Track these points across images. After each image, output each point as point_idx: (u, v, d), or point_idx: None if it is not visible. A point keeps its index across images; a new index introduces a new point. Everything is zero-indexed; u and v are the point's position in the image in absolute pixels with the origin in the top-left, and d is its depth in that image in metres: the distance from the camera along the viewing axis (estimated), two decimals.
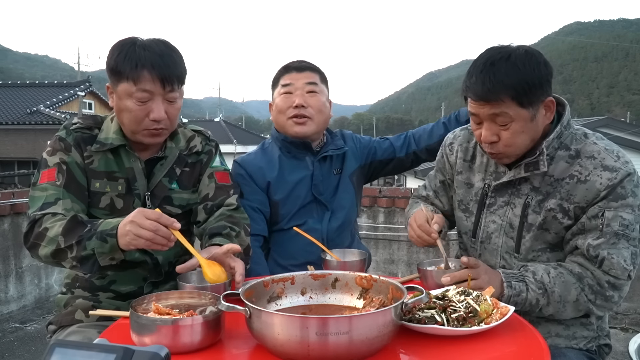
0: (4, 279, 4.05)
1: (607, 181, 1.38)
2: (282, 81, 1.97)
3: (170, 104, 1.54)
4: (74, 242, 1.35)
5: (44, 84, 27.91)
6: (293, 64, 1.99)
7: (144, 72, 1.46)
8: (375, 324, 0.98)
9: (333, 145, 2.02)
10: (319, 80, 1.98)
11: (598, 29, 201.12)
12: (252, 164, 1.99)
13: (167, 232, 1.28)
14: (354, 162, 2.08)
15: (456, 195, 1.70)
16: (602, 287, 1.39)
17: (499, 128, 1.41)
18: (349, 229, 2.05)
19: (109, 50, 1.53)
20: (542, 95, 1.39)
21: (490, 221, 1.57)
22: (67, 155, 1.55)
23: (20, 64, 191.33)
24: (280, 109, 1.95)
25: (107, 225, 1.34)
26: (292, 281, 1.28)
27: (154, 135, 1.55)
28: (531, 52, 1.40)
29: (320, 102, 1.95)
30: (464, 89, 1.44)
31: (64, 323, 1.60)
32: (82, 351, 0.61)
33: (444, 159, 1.76)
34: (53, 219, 1.42)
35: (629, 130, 18.90)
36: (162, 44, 1.53)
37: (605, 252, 1.37)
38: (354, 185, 2.07)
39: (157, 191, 1.62)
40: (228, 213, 1.67)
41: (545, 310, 1.42)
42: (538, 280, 1.40)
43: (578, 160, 1.44)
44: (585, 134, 1.49)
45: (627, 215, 1.38)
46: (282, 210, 1.95)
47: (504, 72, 1.35)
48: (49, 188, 1.50)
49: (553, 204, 1.45)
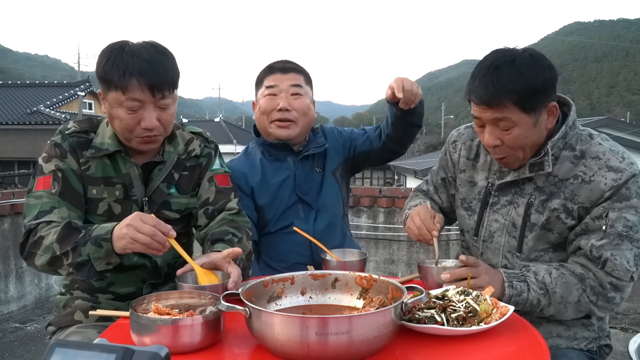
0: (4, 279, 4.05)
1: (611, 182, 1.37)
2: (266, 82, 1.94)
3: (162, 111, 1.49)
4: (69, 248, 1.34)
5: (44, 84, 27.89)
6: (277, 65, 1.96)
7: (132, 80, 1.41)
8: (375, 323, 0.99)
9: (314, 143, 2.00)
10: (304, 82, 1.95)
11: (598, 29, 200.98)
12: (235, 169, 1.96)
13: (163, 238, 1.28)
14: (336, 157, 2.04)
15: (459, 193, 1.70)
16: (604, 288, 1.39)
17: (501, 132, 1.41)
18: (338, 226, 2.02)
19: (98, 56, 1.48)
20: (545, 100, 1.38)
21: (493, 220, 1.57)
22: (62, 162, 1.52)
23: (20, 64, 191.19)
24: (263, 110, 1.93)
25: (102, 230, 1.33)
26: (292, 281, 1.28)
27: (148, 142, 1.53)
28: (536, 56, 1.38)
29: (305, 104, 1.92)
30: (467, 92, 1.43)
31: (63, 324, 1.60)
32: (82, 351, 0.61)
33: (447, 156, 1.76)
34: (48, 227, 1.41)
35: (629, 130, 18.88)
36: (152, 49, 1.47)
37: (608, 253, 1.37)
38: (338, 181, 2.04)
39: (155, 197, 1.60)
40: (230, 218, 1.66)
41: (546, 310, 1.41)
42: (540, 280, 1.39)
43: (583, 161, 1.43)
44: (590, 135, 1.48)
45: (631, 217, 1.38)
46: (268, 215, 1.94)
47: (507, 76, 1.34)
48: (44, 196, 1.48)
49: (557, 204, 1.45)
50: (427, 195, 1.86)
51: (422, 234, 1.55)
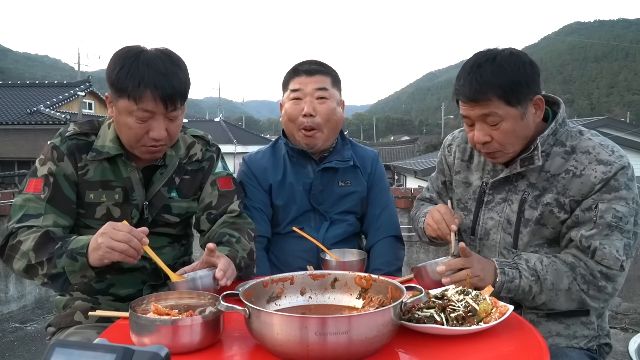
0: (4, 279, 4.05)
1: (601, 174, 1.41)
2: (291, 85, 1.90)
3: (171, 122, 1.49)
4: (45, 259, 1.34)
5: (44, 84, 27.90)
6: (303, 67, 1.91)
7: (146, 92, 1.40)
8: (375, 323, 0.99)
9: (339, 155, 1.95)
10: (330, 84, 1.90)
11: (598, 29, 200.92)
12: (258, 164, 1.96)
13: (138, 244, 1.28)
14: (364, 182, 1.99)
15: (455, 194, 1.72)
16: (594, 277, 1.41)
17: (490, 128, 1.45)
18: (352, 242, 1.99)
19: (110, 59, 1.46)
20: (529, 93, 1.43)
21: (488, 218, 1.60)
22: (56, 166, 1.51)
23: (20, 64, 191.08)
24: (289, 116, 1.90)
25: (78, 244, 1.32)
26: (291, 281, 1.28)
27: (152, 152, 1.52)
28: (516, 54, 1.44)
29: (330, 108, 1.87)
30: (454, 93, 1.49)
31: (63, 325, 1.60)
32: (82, 351, 0.62)
33: (443, 160, 1.79)
34: (28, 232, 1.40)
35: (629, 130, 18.88)
36: (167, 59, 1.45)
37: (597, 242, 1.40)
38: (362, 205, 1.99)
39: (155, 201, 1.59)
40: (230, 220, 1.66)
41: (538, 298, 1.43)
42: (531, 267, 1.42)
43: (573, 156, 1.47)
44: (580, 131, 1.52)
45: (621, 208, 1.40)
46: (281, 215, 1.93)
47: (490, 72, 1.40)
48: (32, 200, 1.47)
49: (549, 199, 1.48)
50: (431, 202, 1.88)
51: (441, 227, 1.55)
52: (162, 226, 1.63)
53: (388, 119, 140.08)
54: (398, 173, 27.19)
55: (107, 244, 1.26)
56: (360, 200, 1.99)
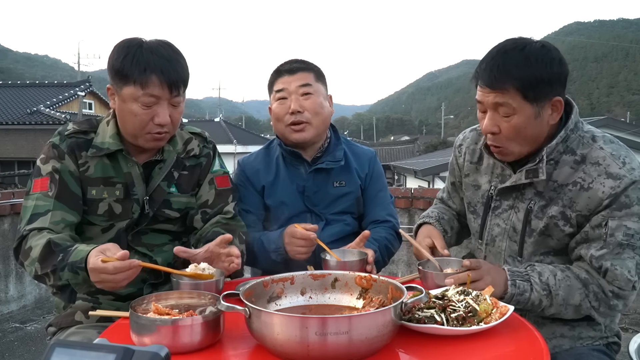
0: (4, 279, 4.05)
1: (609, 190, 1.35)
2: (275, 86, 1.92)
3: (174, 108, 1.53)
4: (49, 271, 1.35)
5: (44, 84, 27.87)
6: (284, 67, 1.92)
7: (152, 77, 1.44)
8: (375, 323, 0.99)
9: (330, 156, 1.94)
10: (314, 80, 1.91)
11: (598, 29, 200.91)
12: (251, 166, 1.97)
13: (129, 274, 1.23)
14: (358, 181, 1.99)
15: (465, 197, 1.71)
16: (606, 295, 1.38)
17: (501, 119, 1.39)
18: (350, 241, 1.93)
19: (112, 50, 1.50)
20: (550, 93, 1.36)
21: (495, 224, 1.57)
22: (60, 163, 1.53)
23: (20, 64, 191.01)
24: (277, 116, 1.91)
25: (77, 256, 1.30)
26: (291, 281, 1.28)
27: (157, 139, 1.55)
28: (548, 47, 1.37)
29: (316, 103, 1.89)
30: (474, 75, 1.43)
31: (63, 324, 1.60)
32: (82, 351, 0.62)
33: (454, 161, 1.76)
34: (37, 237, 1.41)
35: (629, 130, 18.88)
36: (169, 48, 1.51)
37: (608, 263, 1.36)
38: (358, 204, 1.99)
39: (155, 195, 1.61)
40: (224, 221, 1.68)
41: (547, 311, 1.41)
42: (543, 281, 1.39)
43: (582, 167, 1.41)
44: (593, 137, 1.45)
45: (632, 224, 1.35)
46: (274, 216, 1.94)
47: (514, 62, 1.34)
48: (40, 198, 1.49)
49: (555, 211, 1.43)
50: (443, 202, 1.88)
51: (418, 250, 1.58)
52: (163, 222, 1.65)
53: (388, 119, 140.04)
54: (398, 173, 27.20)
55: (103, 286, 1.26)
56: (356, 200, 1.99)
